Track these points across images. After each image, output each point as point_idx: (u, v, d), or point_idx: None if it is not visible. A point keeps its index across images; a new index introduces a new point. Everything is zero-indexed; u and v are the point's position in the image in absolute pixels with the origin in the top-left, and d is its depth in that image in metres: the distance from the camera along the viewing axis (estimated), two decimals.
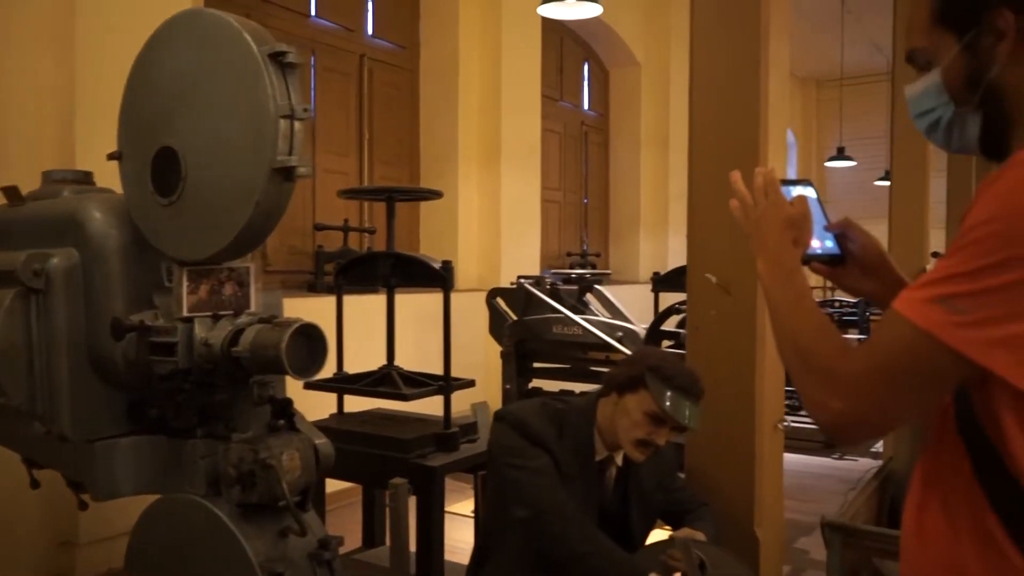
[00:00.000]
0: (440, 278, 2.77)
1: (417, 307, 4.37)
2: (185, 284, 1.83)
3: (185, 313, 1.82)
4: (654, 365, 1.84)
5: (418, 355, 3.83)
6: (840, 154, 9.31)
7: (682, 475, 2.21)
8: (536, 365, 4.72)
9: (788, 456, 5.49)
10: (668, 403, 1.79)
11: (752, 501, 2.08)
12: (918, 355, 0.84)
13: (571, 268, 6.73)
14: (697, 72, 2.12)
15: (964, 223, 0.86)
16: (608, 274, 6.22)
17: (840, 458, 5.53)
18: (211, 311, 1.86)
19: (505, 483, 1.87)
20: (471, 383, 2.97)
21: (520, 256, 5.99)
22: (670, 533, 1.96)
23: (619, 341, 4.16)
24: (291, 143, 1.70)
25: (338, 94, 5.22)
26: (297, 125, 1.71)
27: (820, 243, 1.11)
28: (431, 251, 5.58)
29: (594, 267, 7.02)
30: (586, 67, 7.89)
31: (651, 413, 1.82)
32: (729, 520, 2.09)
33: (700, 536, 1.88)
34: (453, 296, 2.81)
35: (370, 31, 5.47)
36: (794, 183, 1.14)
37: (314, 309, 3.93)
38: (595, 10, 3.89)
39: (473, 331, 5.14)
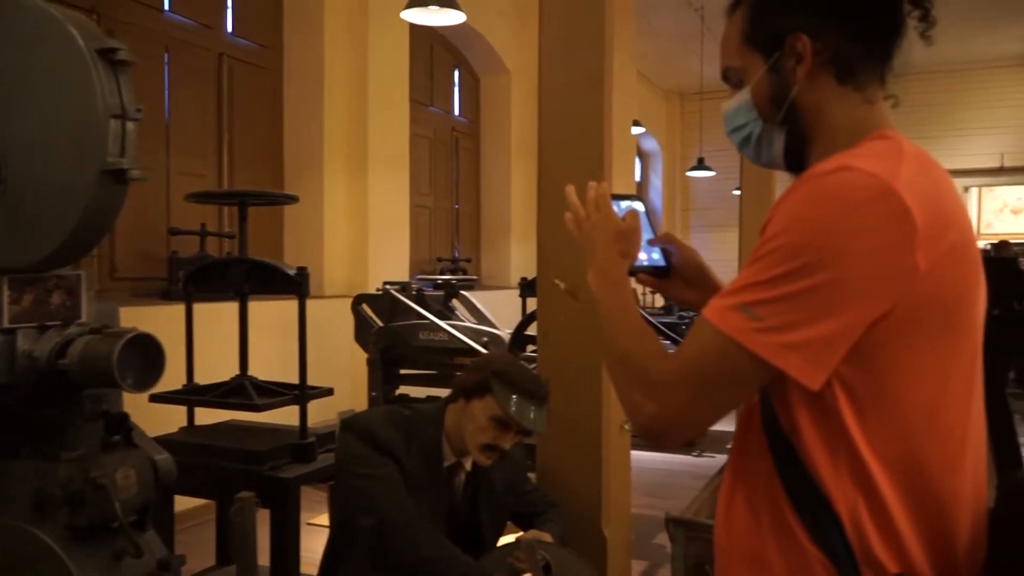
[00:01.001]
0: (295, 285, 2.72)
1: (279, 314, 4.26)
2: (6, 293, 1.71)
3: (6, 324, 1.70)
4: (498, 370, 1.87)
5: (280, 364, 3.73)
6: (700, 164, 9.75)
7: (533, 476, 2.26)
8: (403, 372, 4.69)
9: (648, 454, 5.73)
10: (513, 407, 1.83)
11: (600, 501, 2.14)
12: (723, 359, 0.89)
13: (442, 274, 6.74)
14: (545, 82, 2.18)
15: (762, 234, 0.91)
16: (475, 279, 6.27)
17: (699, 455, 5.79)
18: (36, 321, 1.75)
19: (351, 492, 1.86)
20: (329, 391, 2.92)
21: (389, 262, 5.94)
22: (516, 535, 1.99)
23: (485, 346, 4.20)
24: (122, 144, 1.63)
25: (195, 94, 5.02)
26: (130, 126, 1.64)
27: (647, 256, 1.16)
28: (296, 257, 5.45)
29: (465, 273, 7.05)
30: (457, 73, 7.93)
31: (496, 418, 1.85)
32: (578, 520, 2.15)
33: (547, 537, 1.92)
34: (320, 303, 2.76)
35: (229, 28, 5.29)
36: (624, 198, 1.19)
37: (166, 317, 3.77)
38: (458, 17, 3.92)
39: (340, 338, 5.05)
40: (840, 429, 0.89)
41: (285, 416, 2.91)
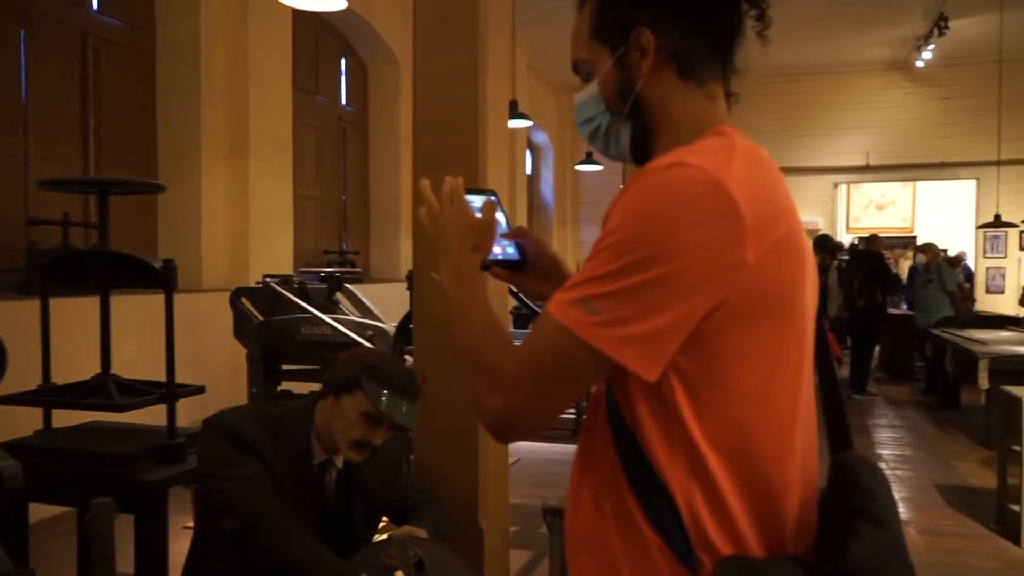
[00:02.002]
0: (160, 278, 2.58)
1: (149, 309, 4.05)
2: None
3: None
4: (369, 365, 1.83)
5: (150, 362, 3.54)
6: (588, 158, 9.92)
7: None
8: (285, 367, 4.56)
9: (540, 445, 5.79)
10: (384, 403, 1.79)
11: (477, 494, 2.13)
12: (564, 353, 0.89)
13: (328, 267, 6.59)
14: (420, 72, 2.14)
15: (603, 228, 0.92)
16: (360, 272, 6.14)
17: None
18: None
19: (214, 493, 1.78)
20: (200, 389, 2.79)
21: (271, 255, 5.75)
22: (388, 532, 1.96)
23: (369, 340, 4.13)
24: None
25: (57, 75, 4.70)
26: None
27: (501, 249, 1.15)
28: (171, 250, 5.19)
29: (353, 266, 6.92)
30: (344, 62, 7.75)
31: (366, 414, 1.81)
32: (457, 513, 2.13)
33: (421, 533, 1.90)
34: (197, 297, 2.63)
35: (95, 6, 4.97)
36: (480, 192, 1.17)
37: (22, 312, 3.52)
38: (339, 4, 3.82)
39: (220, 334, 4.86)
40: (676, 418, 0.91)
41: (158, 416, 2.76)
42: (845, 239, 12.35)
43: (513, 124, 7.02)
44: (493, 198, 1.16)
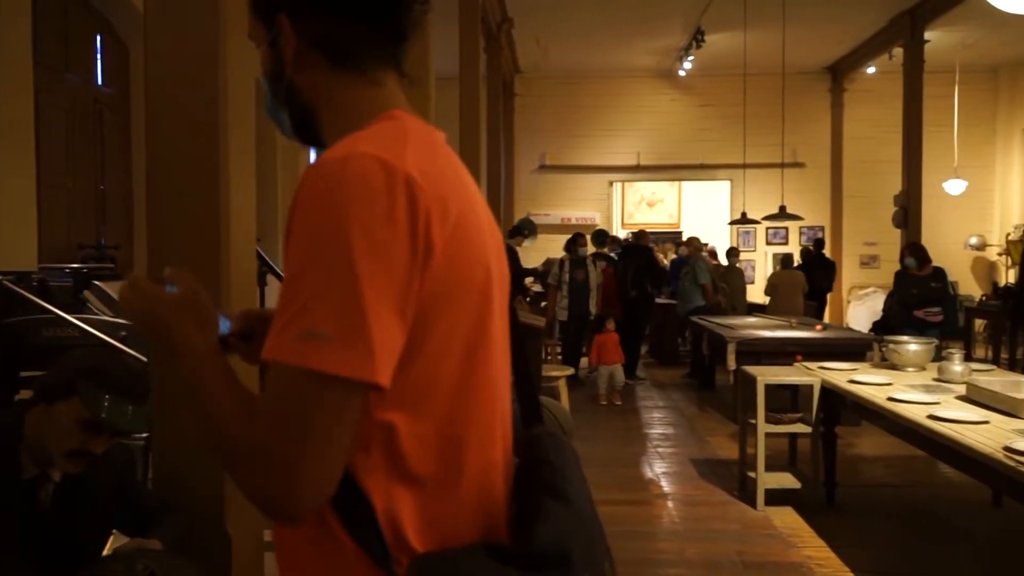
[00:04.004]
0: None
1: None
2: None
3: None
4: (87, 367, 1.68)
5: None
6: None
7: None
8: (25, 374, 4.10)
9: None
10: (106, 408, 1.66)
11: (223, 499, 2.03)
12: (312, 396, 0.80)
13: (84, 262, 6.01)
14: (152, 55, 1.99)
15: (287, 230, 0.86)
16: (112, 268, 5.67)
17: None
18: None
19: None
20: None
21: (9, 249, 5.15)
22: (115, 547, 1.82)
23: (123, 341, 3.81)
24: None
25: None
26: None
27: (223, 323, 1.02)
28: None
29: (112, 261, 6.36)
30: (99, 40, 7.10)
31: (83, 421, 1.66)
32: (200, 521, 2.02)
33: (154, 544, 1.78)
34: None
35: None
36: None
37: None
38: None
39: None
40: (375, 421, 0.86)
41: None
42: (620, 234, 13.15)
43: None
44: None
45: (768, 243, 12.90)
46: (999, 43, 11.01)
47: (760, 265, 12.83)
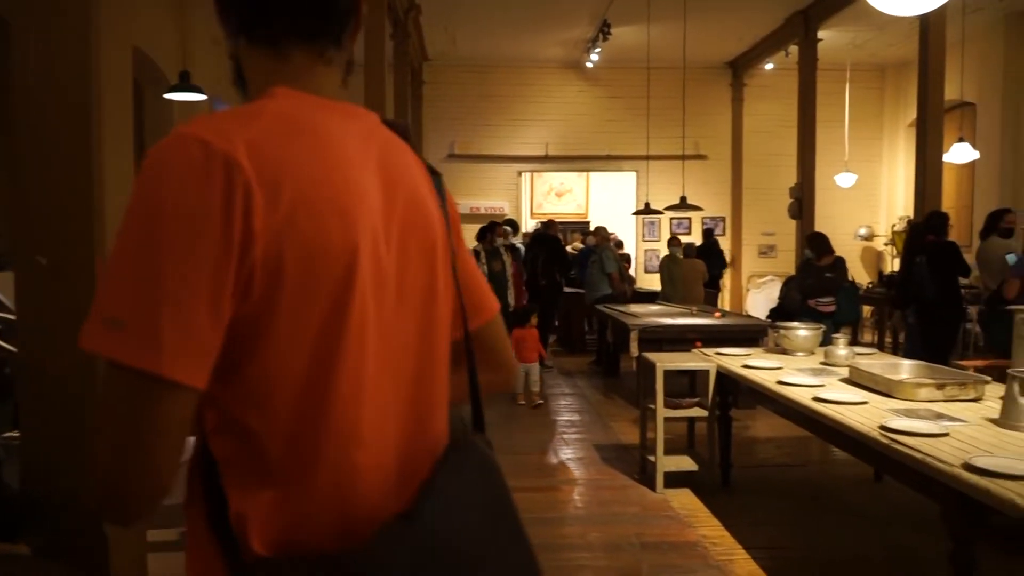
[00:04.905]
0: None
1: None
2: None
3: None
4: None
5: None
6: None
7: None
8: None
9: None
10: None
11: None
12: (117, 389, 0.77)
13: None
14: (19, 31, 1.88)
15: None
16: None
17: None
18: None
19: None
20: None
21: None
22: None
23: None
24: None
25: None
26: None
27: None
28: None
29: None
30: None
31: None
32: (77, 522, 1.93)
33: (22, 549, 1.69)
34: None
35: None
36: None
37: None
38: None
39: None
40: (229, 416, 0.84)
41: None
42: (529, 224, 13.25)
43: (184, 97, 6.53)
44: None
45: (672, 233, 13.23)
46: (886, 44, 11.59)
47: (664, 254, 13.15)
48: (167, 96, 6.73)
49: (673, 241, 10.04)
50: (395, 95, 9.23)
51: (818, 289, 6.80)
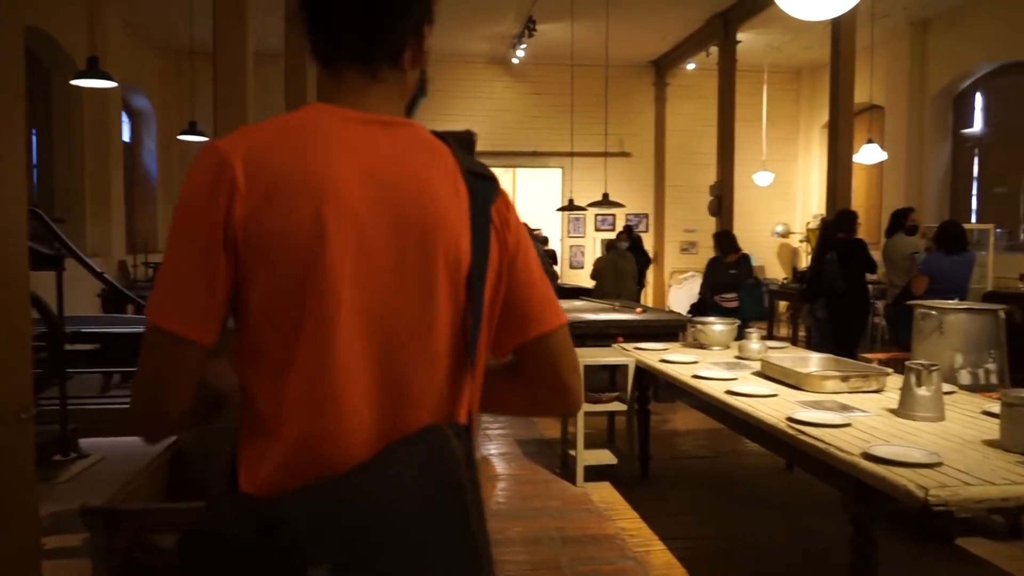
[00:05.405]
0: None
1: None
2: None
3: None
4: None
5: None
6: (192, 128, 9.32)
7: None
8: None
9: (133, 440, 5.29)
10: None
11: None
12: (146, 343, 0.98)
13: None
14: None
15: None
16: None
17: None
18: None
19: None
20: None
21: None
22: None
23: None
24: None
25: None
26: None
27: None
28: None
29: None
30: None
31: None
32: None
33: None
34: None
35: None
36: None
37: None
38: None
39: None
40: (242, 376, 1.01)
41: None
42: None
43: (93, 84, 6.27)
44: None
45: (597, 229, 13.40)
46: (802, 47, 11.97)
47: (589, 251, 13.31)
48: (74, 83, 6.45)
49: (620, 236, 9.96)
50: (318, 87, 9.06)
51: (723, 286, 6.98)
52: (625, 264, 9.44)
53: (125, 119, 10.98)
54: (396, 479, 0.94)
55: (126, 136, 11.06)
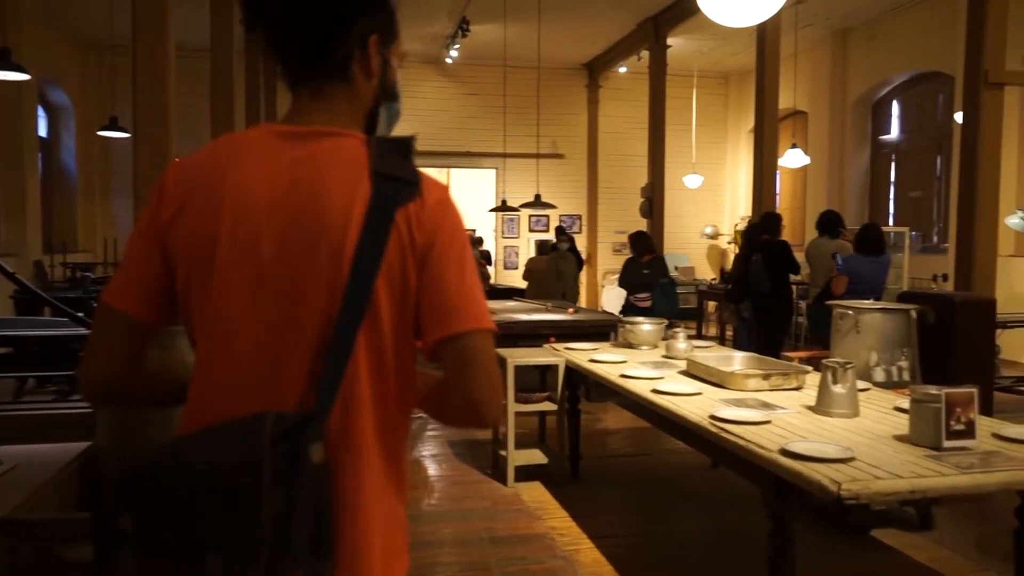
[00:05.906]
0: None
1: None
2: None
3: None
4: None
5: None
6: (113, 124, 9.01)
7: None
8: None
9: (49, 447, 5.07)
10: None
11: None
12: (97, 315, 1.15)
13: None
14: None
15: None
16: None
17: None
18: None
19: None
20: None
21: None
22: None
23: None
24: None
25: None
26: None
27: None
28: None
29: None
30: None
31: None
32: None
33: None
34: None
35: None
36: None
37: None
38: None
39: None
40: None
41: None
42: None
43: (5, 76, 6.01)
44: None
45: (531, 230, 13.46)
46: (729, 53, 12.26)
47: (523, 251, 13.36)
48: None
49: (559, 237, 9.88)
50: (246, 84, 8.88)
51: (637, 285, 7.10)
52: (566, 265, 9.49)
53: (42, 114, 10.55)
54: (197, 452, 0.99)
55: (43, 131, 10.62)
